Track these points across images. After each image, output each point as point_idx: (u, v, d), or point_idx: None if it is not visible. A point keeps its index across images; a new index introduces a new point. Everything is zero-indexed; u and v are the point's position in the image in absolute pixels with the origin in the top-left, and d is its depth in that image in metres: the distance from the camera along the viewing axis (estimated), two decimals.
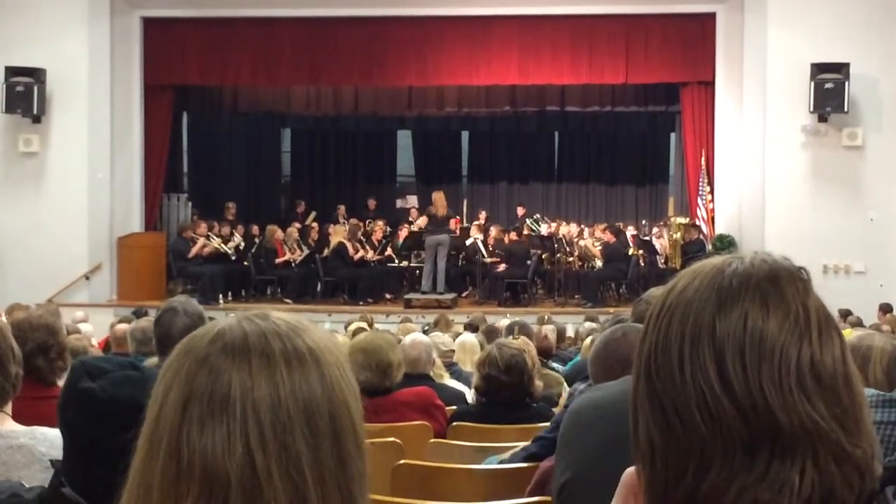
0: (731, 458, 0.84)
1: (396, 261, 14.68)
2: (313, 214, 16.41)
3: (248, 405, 0.93)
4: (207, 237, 14.16)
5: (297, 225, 15.28)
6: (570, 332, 10.09)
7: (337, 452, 0.96)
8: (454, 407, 4.55)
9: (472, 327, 9.02)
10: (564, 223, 16.16)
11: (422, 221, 14.61)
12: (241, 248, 14.49)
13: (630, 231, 15.38)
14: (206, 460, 0.91)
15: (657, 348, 0.90)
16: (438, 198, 14.06)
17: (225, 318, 1.05)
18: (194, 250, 13.84)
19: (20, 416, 2.53)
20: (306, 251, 14.59)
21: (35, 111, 13.19)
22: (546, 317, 9.76)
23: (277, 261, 14.33)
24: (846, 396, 0.87)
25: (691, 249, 13.13)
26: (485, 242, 14.76)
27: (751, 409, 0.84)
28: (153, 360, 3.72)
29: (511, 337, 5.88)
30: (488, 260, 14.42)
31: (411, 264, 14.81)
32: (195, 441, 0.92)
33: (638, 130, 18.83)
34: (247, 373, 0.95)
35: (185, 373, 0.96)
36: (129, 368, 1.66)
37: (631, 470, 0.98)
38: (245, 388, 0.94)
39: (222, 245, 14.25)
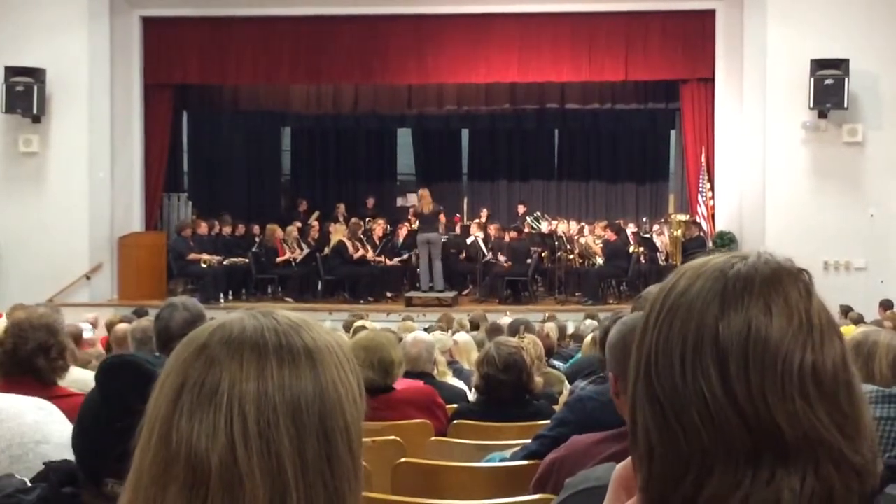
0: (733, 466, 0.83)
1: (386, 261, 14.60)
2: (316, 213, 16.38)
3: (235, 397, 0.94)
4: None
5: (298, 224, 15.26)
6: (570, 330, 10.09)
7: (325, 451, 0.96)
8: (455, 405, 4.55)
9: (472, 325, 9.03)
10: (565, 221, 16.13)
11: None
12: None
13: (630, 228, 15.34)
14: (191, 448, 0.93)
15: (658, 350, 0.88)
16: (424, 194, 14.08)
17: (234, 313, 1.06)
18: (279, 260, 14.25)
19: None
20: (307, 250, 14.57)
21: (35, 111, 13.19)
22: (546, 315, 9.79)
23: (278, 260, 14.33)
24: (846, 402, 0.86)
25: (692, 246, 13.11)
26: (485, 240, 14.75)
27: (753, 417, 0.83)
28: None
29: (518, 335, 5.88)
30: (489, 257, 14.41)
31: (411, 262, 14.79)
32: (184, 428, 0.94)
33: (638, 127, 18.78)
34: (238, 365, 0.96)
35: (182, 361, 0.98)
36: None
37: (622, 465, 0.97)
38: (234, 381, 0.95)
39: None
